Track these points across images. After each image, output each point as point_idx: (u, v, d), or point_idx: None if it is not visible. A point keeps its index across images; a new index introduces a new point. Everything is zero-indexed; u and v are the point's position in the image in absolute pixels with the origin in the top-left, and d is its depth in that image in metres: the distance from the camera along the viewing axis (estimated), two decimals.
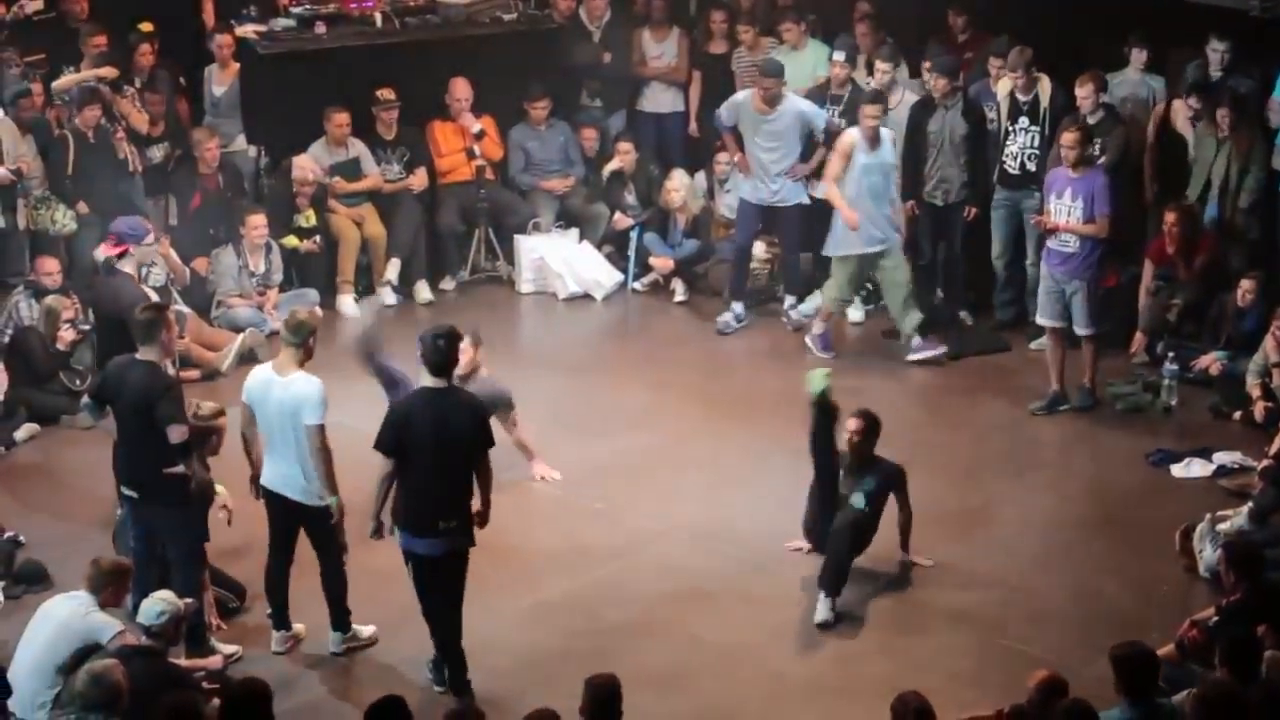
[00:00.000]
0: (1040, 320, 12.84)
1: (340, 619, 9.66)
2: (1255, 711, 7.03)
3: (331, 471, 9.28)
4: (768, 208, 14.52)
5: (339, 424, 9.46)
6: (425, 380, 9.07)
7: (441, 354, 9.00)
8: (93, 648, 8.54)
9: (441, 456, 8.95)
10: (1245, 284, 12.90)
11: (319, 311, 9.55)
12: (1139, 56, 14.23)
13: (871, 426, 10.40)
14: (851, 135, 13.56)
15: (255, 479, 9.57)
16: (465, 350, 10.28)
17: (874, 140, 13.47)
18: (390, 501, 9.10)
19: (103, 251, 12.64)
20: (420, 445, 8.94)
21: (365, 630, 9.73)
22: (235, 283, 14.35)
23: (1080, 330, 12.54)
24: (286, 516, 9.52)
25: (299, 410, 9.19)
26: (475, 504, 9.12)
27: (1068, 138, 12.41)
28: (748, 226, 14.69)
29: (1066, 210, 12.33)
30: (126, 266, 11.15)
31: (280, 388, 9.28)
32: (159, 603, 8.44)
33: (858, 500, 10.25)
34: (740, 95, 14.52)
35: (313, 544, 9.59)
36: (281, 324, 9.52)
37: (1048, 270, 12.59)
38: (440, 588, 9.12)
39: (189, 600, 8.87)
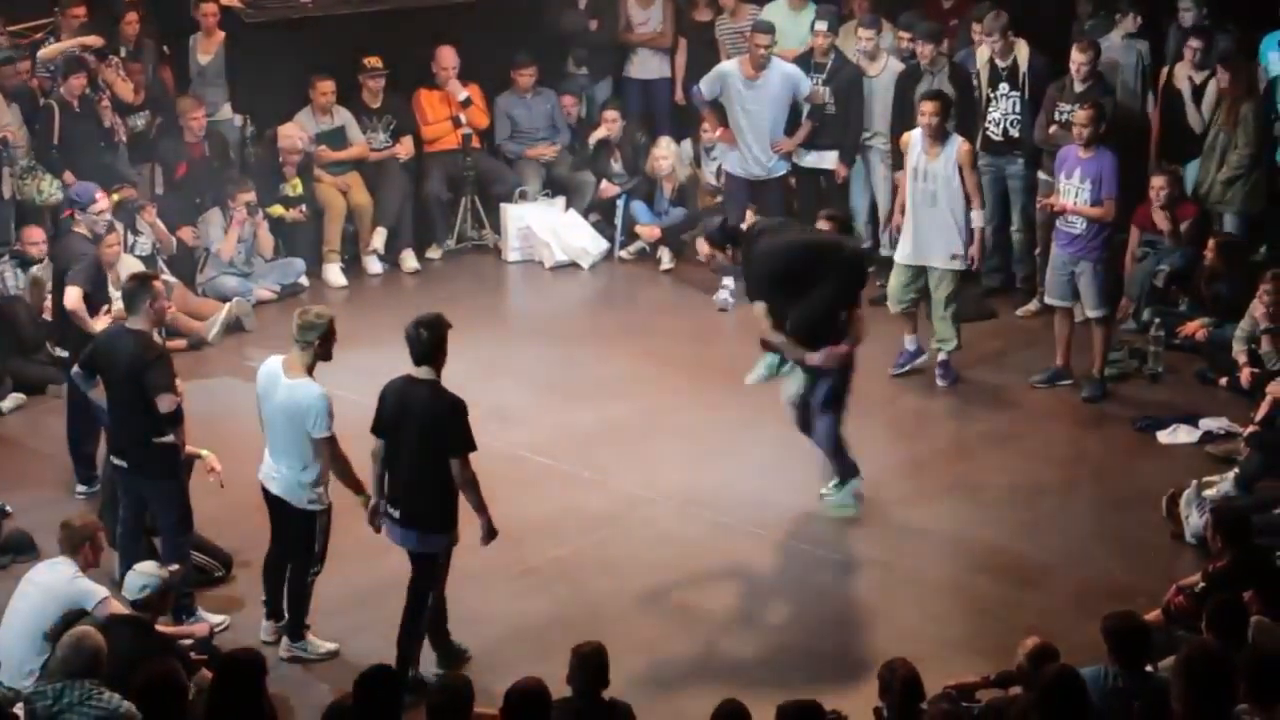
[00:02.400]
0: (1048, 299, 12.75)
1: (294, 627, 9.43)
2: (1242, 676, 7.04)
3: (351, 475, 9.11)
4: (755, 181, 14.45)
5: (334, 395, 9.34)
6: (411, 368, 8.88)
7: (423, 344, 8.76)
8: (79, 614, 8.55)
9: (396, 446, 8.85)
10: (1210, 243, 13.04)
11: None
12: (1130, 22, 14.22)
13: None
14: (908, 135, 12.69)
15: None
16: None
17: (933, 142, 12.35)
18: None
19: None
20: (385, 430, 8.88)
21: (323, 646, 9.43)
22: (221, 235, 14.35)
23: (1090, 312, 12.38)
24: (274, 508, 9.38)
25: (301, 419, 8.96)
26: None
27: (1081, 116, 12.21)
28: (738, 202, 14.57)
29: (1075, 191, 12.18)
30: (78, 228, 11.24)
31: (285, 389, 9.03)
32: (141, 576, 8.42)
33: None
34: (725, 65, 14.42)
35: (275, 541, 9.46)
36: (294, 319, 9.14)
37: (1057, 250, 12.51)
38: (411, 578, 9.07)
39: (174, 567, 8.86)
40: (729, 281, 14.32)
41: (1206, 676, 6.89)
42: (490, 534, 8.97)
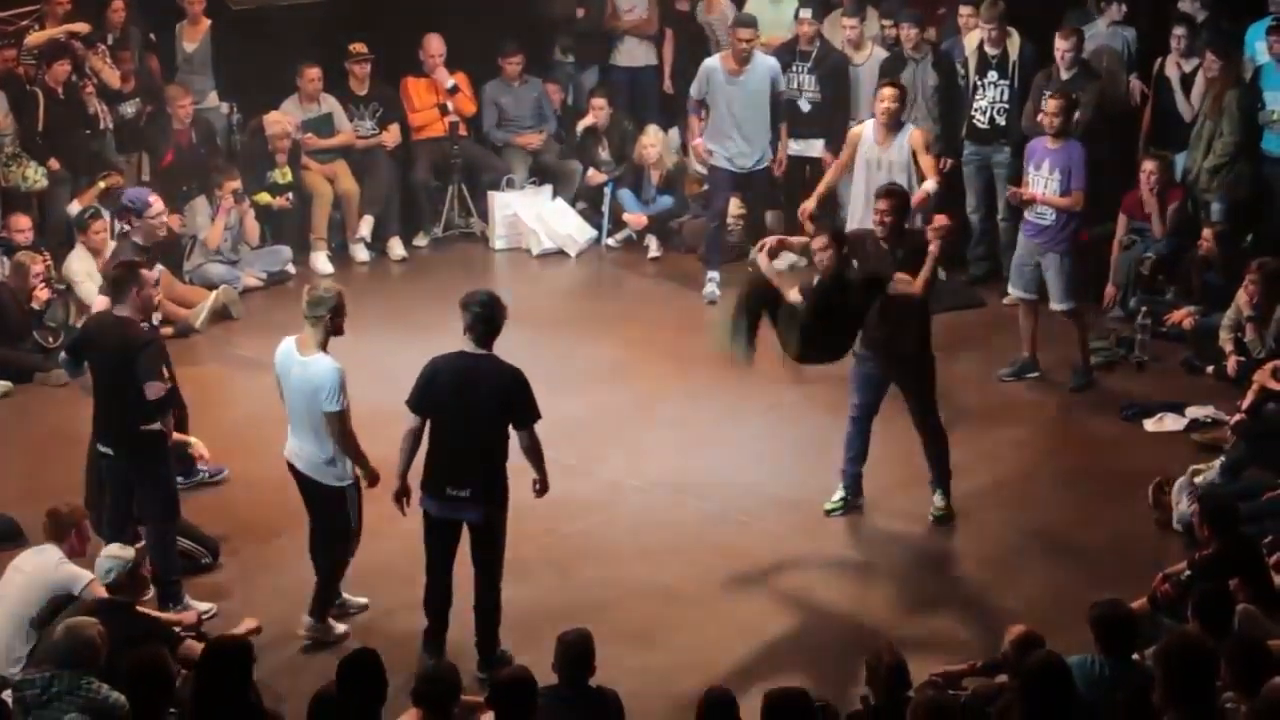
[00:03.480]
0: (1011, 291, 12.72)
1: (320, 606, 9.38)
2: (1227, 664, 7.05)
3: (359, 452, 9.11)
4: (740, 174, 14.38)
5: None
6: (465, 345, 8.91)
7: (493, 322, 8.92)
8: (65, 600, 8.56)
9: (458, 422, 8.84)
10: (1205, 233, 13.01)
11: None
12: (1115, 10, 14.23)
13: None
14: (856, 130, 12.77)
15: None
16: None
17: (887, 131, 12.47)
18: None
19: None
20: (441, 407, 8.86)
21: (338, 628, 9.45)
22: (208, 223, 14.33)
23: (1055, 305, 12.37)
24: (303, 486, 9.33)
25: (316, 393, 8.96)
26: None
27: (1052, 105, 12.16)
28: (723, 195, 14.49)
29: (1044, 182, 12.14)
30: (135, 236, 10.98)
31: (300, 366, 9.03)
32: (107, 560, 8.42)
33: None
34: (709, 61, 14.22)
35: (311, 519, 9.40)
36: (304, 297, 9.12)
37: (1023, 240, 12.49)
38: (475, 553, 9.08)
39: (140, 545, 8.88)
40: (714, 275, 14.30)
41: (1187, 666, 6.90)
42: (545, 486, 9.17)
